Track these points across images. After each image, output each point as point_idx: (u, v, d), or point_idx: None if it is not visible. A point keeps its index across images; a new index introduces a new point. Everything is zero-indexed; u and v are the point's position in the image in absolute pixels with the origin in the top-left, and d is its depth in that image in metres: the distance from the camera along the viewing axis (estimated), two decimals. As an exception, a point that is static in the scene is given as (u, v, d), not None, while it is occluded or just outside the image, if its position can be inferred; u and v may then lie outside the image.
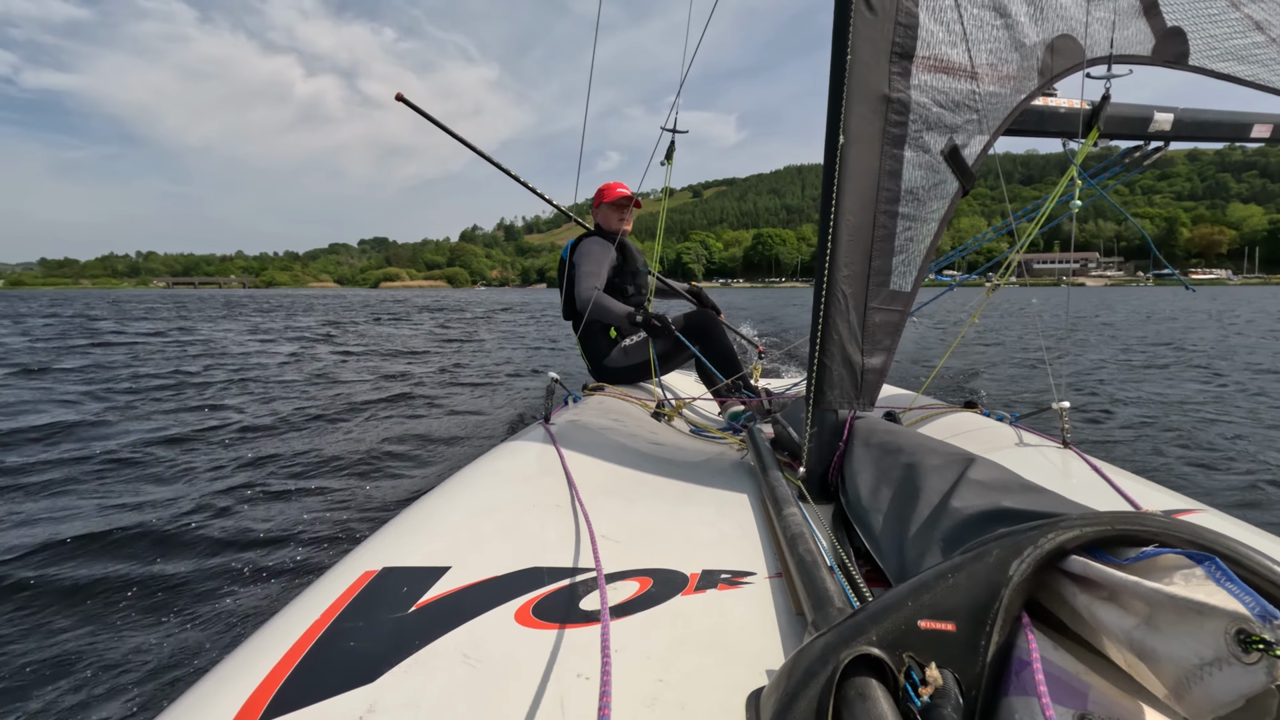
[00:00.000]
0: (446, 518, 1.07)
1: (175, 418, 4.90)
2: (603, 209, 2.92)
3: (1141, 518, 0.47)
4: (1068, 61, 1.45)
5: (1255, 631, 0.36)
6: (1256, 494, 2.79)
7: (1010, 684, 0.47)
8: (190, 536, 2.74)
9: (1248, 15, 1.68)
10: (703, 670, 0.68)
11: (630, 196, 2.89)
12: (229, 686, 0.63)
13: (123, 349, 9.48)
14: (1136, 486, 1.20)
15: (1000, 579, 0.48)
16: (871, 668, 0.49)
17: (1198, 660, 0.38)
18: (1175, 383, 5.83)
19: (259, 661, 0.66)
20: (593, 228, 3.01)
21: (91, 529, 2.79)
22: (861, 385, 1.26)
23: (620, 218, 2.90)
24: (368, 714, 0.58)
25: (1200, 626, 0.38)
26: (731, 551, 0.97)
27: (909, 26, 1.22)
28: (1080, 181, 1.60)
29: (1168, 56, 1.60)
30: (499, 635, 0.72)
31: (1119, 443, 3.73)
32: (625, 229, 2.93)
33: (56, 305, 32.84)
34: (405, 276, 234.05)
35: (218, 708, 0.60)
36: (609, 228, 2.91)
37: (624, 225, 2.92)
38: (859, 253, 1.24)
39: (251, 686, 0.62)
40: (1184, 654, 0.39)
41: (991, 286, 1.82)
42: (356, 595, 0.79)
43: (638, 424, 1.92)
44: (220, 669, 0.68)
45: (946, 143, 1.32)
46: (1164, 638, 0.40)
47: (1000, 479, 0.79)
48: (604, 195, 2.91)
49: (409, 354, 9.55)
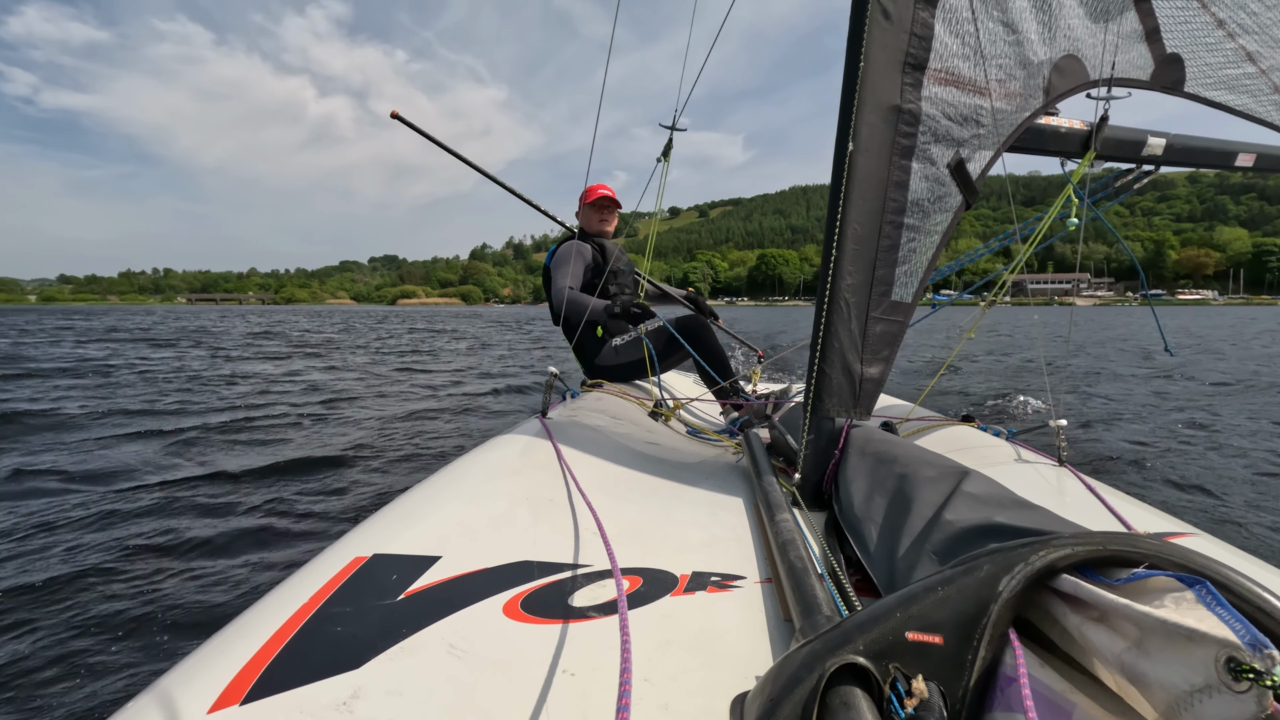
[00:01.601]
0: (439, 507, 1.07)
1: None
2: (584, 210, 2.97)
3: (1134, 539, 0.47)
4: (1072, 81, 1.46)
5: (1245, 660, 0.36)
6: (1248, 518, 2.81)
7: (995, 699, 0.47)
8: (183, 513, 2.73)
9: (1241, 46, 1.72)
10: (688, 672, 0.68)
11: (610, 197, 2.94)
12: (214, 665, 0.63)
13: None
14: (1130, 508, 1.20)
15: (990, 594, 0.48)
16: (857, 677, 0.49)
17: (1188, 687, 0.38)
18: (1170, 400, 5.85)
19: (245, 642, 0.66)
20: (576, 230, 3.05)
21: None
22: (860, 394, 1.26)
23: (601, 218, 2.95)
24: (352, 699, 0.58)
25: (1190, 653, 0.38)
26: (722, 554, 0.97)
27: (923, 38, 1.22)
28: (1076, 201, 1.63)
29: (1166, 82, 1.64)
30: (487, 627, 0.72)
31: (1114, 460, 3.74)
32: (607, 230, 2.98)
33: (116, 318, 33.48)
34: (421, 294, 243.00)
35: (201, 686, 0.59)
36: (591, 229, 2.95)
37: (605, 226, 2.97)
38: (863, 262, 1.24)
39: (237, 666, 0.62)
40: (1174, 680, 0.39)
41: (986, 303, 1.83)
42: (345, 581, 0.79)
43: (634, 422, 1.91)
44: (205, 647, 0.67)
45: (953, 156, 1.32)
46: (1154, 663, 0.40)
47: (994, 494, 0.79)
48: (585, 197, 2.96)
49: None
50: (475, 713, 0.59)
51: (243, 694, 0.58)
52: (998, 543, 0.54)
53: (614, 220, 3.01)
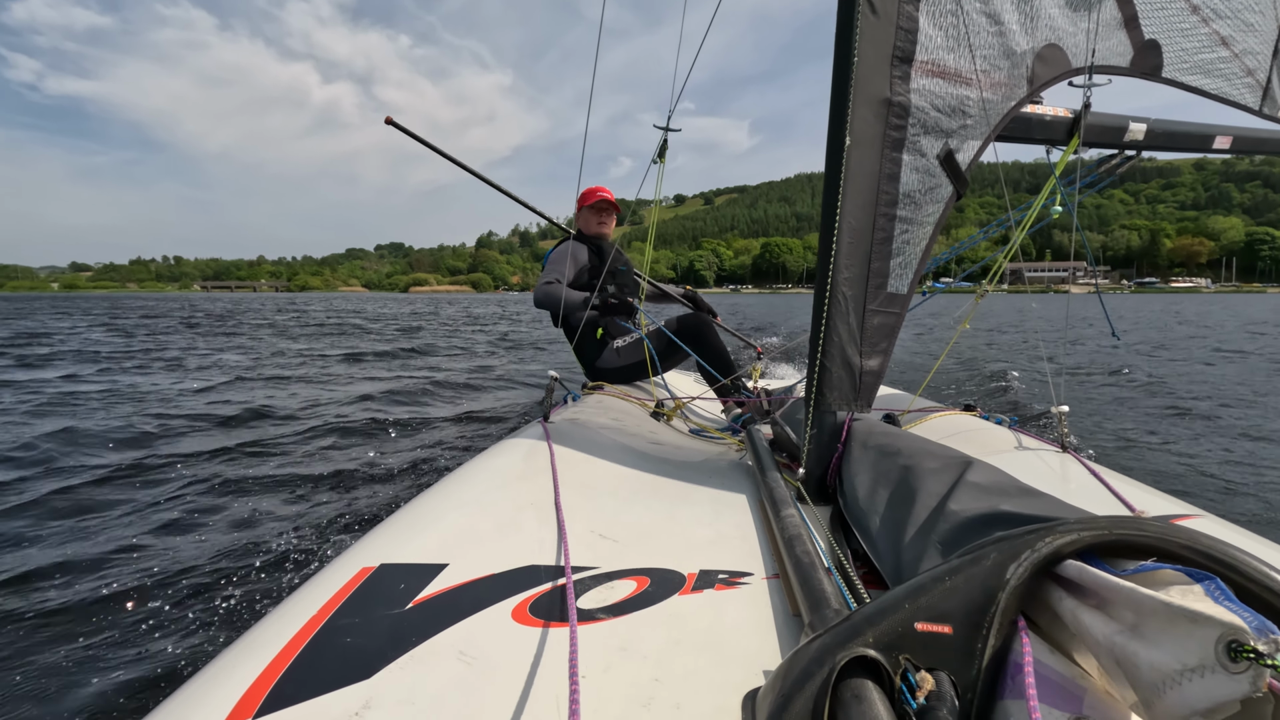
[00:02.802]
0: (444, 515, 1.07)
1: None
2: (582, 213, 2.99)
3: (1139, 523, 0.47)
4: (1054, 70, 1.48)
5: (1248, 642, 0.36)
6: (1256, 499, 2.81)
7: (1006, 687, 0.47)
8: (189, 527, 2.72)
9: (1215, 30, 1.75)
10: (699, 670, 0.68)
11: (609, 200, 2.96)
12: (224, 681, 0.63)
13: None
14: (1134, 491, 1.21)
15: (997, 583, 0.48)
16: (868, 669, 0.49)
17: (1179, 666, 0.38)
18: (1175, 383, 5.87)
19: (255, 656, 0.66)
20: (574, 232, 3.07)
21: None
22: (860, 387, 1.27)
23: (599, 221, 2.97)
24: (363, 710, 0.58)
25: (1189, 634, 0.38)
26: (729, 552, 0.97)
27: (909, 30, 1.23)
28: (1061, 189, 1.65)
29: (1145, 68, 1.66)
30: (495, 633, 0.72)
31: (1118, 444, 3.75)
32: (605, 232, 2.99)
33: (157, 306, 32.24)
34: (433, 281, 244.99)
35: (213, 702, 0.59)
36: (589, 231, 2.97)
37: (603, 229, 2.98)
38: (859, 255, 1.25)
39: (248, 681, 0.62)
40: (1165, 660, 0.39)
41: (981, 292, 1.84)
42: (354, 592, 0.79)
43: (636, 423, 1.92)
44: (216, 663, 0.67)
45: (942, 147, 1.32)
46: (1147, 644, 0.40)
47: (998, 482, 0.80)
48: (583, 200, 2.98)
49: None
50: (487, 718, 0.59)
51: (254, 709, 0.58)
52: (1003, 531, 0.54)
53: (612, 223, 3.03)
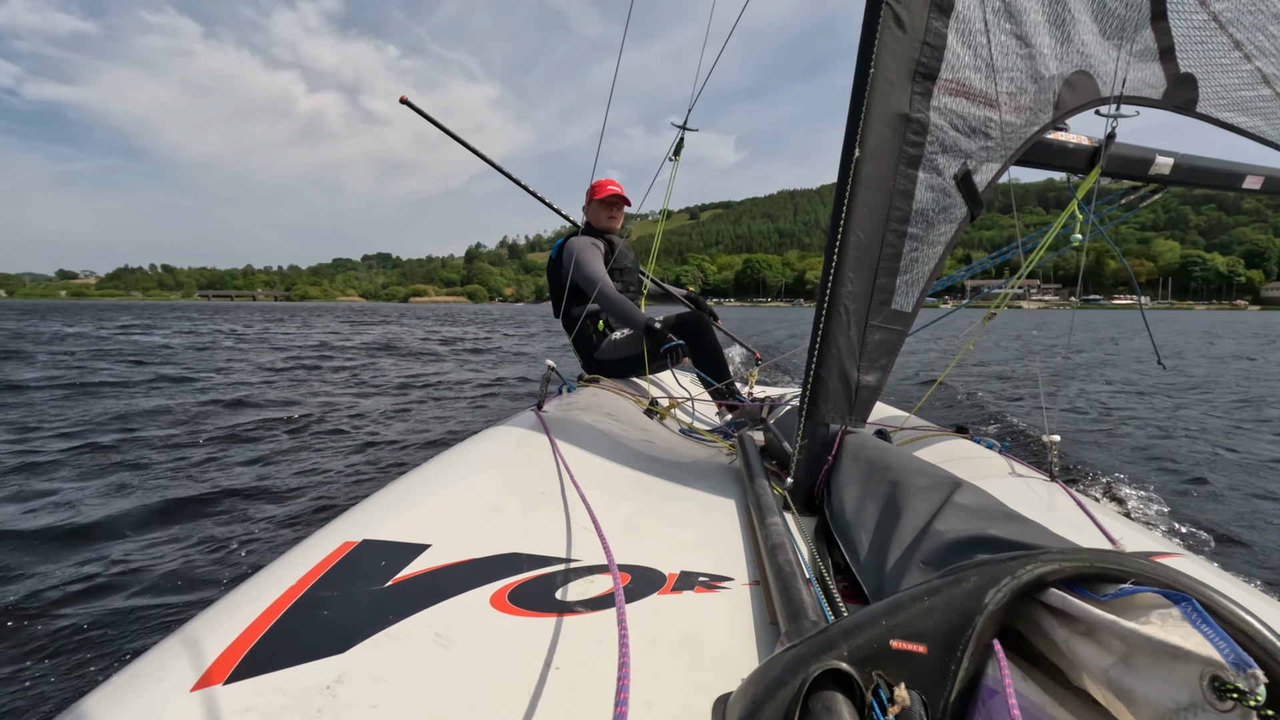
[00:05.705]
0: (430, 495, 1.06)
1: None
2: (592, 206, 2.94)
3: (1120, 558, 0.47)
4: (1082, 98, 1.46)
5: (1229, 680, 0.36)
6: (1233, 539, 2.82)
7: (977, 710, 0.47)
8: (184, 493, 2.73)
9: (1258, 68, 1.71)
10: (672, 670, 0.68)
11: (620, 194, 2.92)
12: (198, 644, 0.62)
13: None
14: (1119, 526, 1.21)
15: (975, 606, 0.48)
16: (840, 683, 0.49)
17: (1174, 705, 0.38)
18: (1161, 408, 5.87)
19: (231, 622, 0.66)
20: (582, 226, 3.03)
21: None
22: (855, 401, 1.26)
23: (610, 215, 2.93)
24: (335, 684, 0.58)
25: (1175, 670, 0.38)
26: (712, 555, 0.97)
27: (936, 47, 1.22)
28: (1080, 217, 1.63)
29: (1177, 101, 1.63)
30: (473, 618, 0.72)
31: (1104, 474, 3.76)
32: (615, 227, 2.96)
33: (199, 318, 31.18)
34: (431, 292, 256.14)
35: (185, 664, 0.59)
36: (599, 225, 2.94)
37: (613, 223, 2.95)
38: (865, 269, 1.24)
39: (222, 646, 0.62)
40: (1160, 698, 0.39)
41: (987, 317, 1.84)
42: (334, 565, 0.79)
43: (630, 419, 1.91)
44: (191, 626, 0.67)
45: (960, 168, 1.32)
46: (1140, 679, 0.40)
47: (985, 506, 0.79)
48: (594, 193, 2.93)
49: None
50: (458, 702, 0.59)
51: (226, 673, 0.58)
52: (987, 554, 0.54)
53: (621, 217, 2.99)
